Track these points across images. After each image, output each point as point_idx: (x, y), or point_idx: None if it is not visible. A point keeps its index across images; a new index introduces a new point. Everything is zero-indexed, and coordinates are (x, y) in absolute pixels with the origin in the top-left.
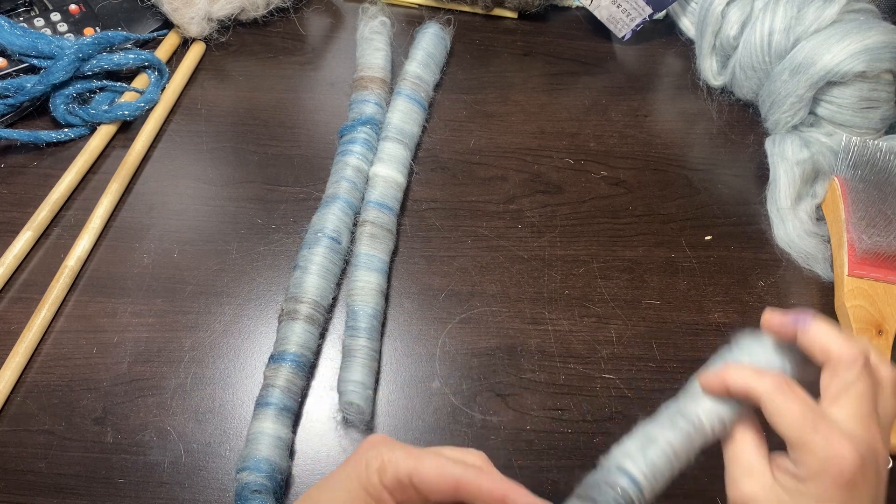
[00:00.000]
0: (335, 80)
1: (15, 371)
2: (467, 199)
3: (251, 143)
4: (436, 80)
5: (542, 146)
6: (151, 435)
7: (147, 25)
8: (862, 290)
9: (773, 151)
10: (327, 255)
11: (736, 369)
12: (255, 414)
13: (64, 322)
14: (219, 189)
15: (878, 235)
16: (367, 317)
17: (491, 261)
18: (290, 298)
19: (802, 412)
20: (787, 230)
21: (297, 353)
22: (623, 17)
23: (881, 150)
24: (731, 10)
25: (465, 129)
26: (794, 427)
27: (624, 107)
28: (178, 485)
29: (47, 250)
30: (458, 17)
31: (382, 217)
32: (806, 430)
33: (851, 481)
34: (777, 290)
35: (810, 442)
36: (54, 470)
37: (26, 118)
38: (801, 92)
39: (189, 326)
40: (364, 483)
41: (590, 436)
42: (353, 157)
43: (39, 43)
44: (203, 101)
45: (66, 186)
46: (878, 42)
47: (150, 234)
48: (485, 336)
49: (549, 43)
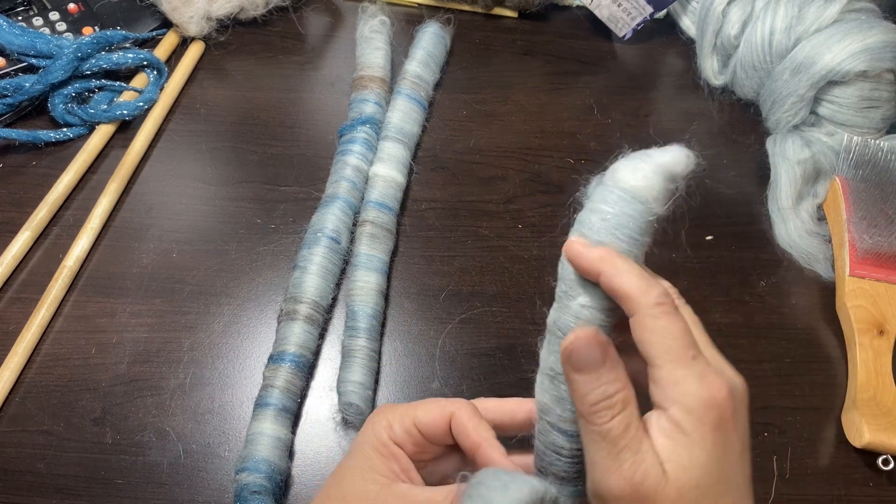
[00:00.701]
0: (335, 80)
1: (14, 371)
2: (467, 199)
3: (250, 143)
4: (436, 80)
5: (543, 146)
6: (150, 435)
7: (146, 25)
8: (863, 290)
9: (774, 151)
10: (327, 255)
11: (620, 269)
12: (255, 414)
13: (63, 322)
14: (218, 189)
15: (880, 235)
16: (366, 317)
17: (491, 261)
18: (289, 298)
19: (685, 339)
20: (789, 230)
21: (296, 353)
22: (623, 16)
23: (882, 150)
24: (731, 9)
25: (465, 128)
26: (670, 357)
27: (624, 106)
28: (178, 485)
29: (46, 250)
30: (458, 17)
31: (382, 217)
32: (685, 361)
33: (725, 424)
34: (778, 290)
35: (685, 378)
36: (53, 470)
37: (25, 118)
38: (802, 91)
39: (188, 326)
40: (374, 444)
41: None
42: (353, 157)
43: (38, 42)
44: (202, 100)
45: (65, 186)
46: (879, 41)
47: (149, 233)
48: (485, 336)
49: (550, 42)
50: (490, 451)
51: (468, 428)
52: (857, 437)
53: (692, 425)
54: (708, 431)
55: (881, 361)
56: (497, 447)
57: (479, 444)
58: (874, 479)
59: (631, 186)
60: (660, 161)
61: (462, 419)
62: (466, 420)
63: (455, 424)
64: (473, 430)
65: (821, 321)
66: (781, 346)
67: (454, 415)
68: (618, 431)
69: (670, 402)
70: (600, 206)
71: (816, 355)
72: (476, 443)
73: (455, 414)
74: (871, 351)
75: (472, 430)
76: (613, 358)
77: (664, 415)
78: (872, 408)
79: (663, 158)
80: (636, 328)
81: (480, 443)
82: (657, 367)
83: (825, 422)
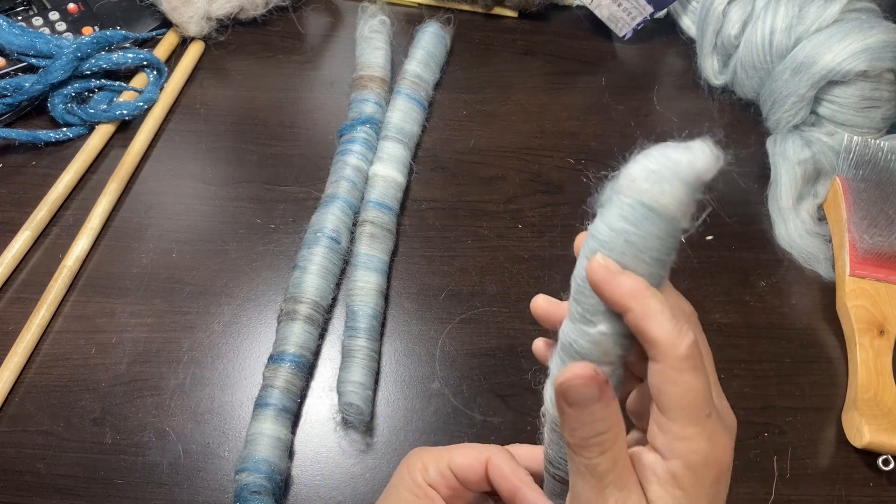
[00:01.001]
0: (335, 80)
1: (13, 371)
2: (467, 199)
3: (250, 143)
4: (436, 80)
5: (543, 146)
6: (150, 435)
7: (146, 24)
8: (863, 290)
9: (775, 151)
10: (327, 255)
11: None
12: (255, 414)
13: (62, 322)
14: (218, 189)
15: (880, 235)
16: (366, 317)
17: (491, 261)
18: (289, 298)
19: (704, 396)
20: (789, 230)
21: (296, 353)
22: (624, 15)
23: (883, 150)
24: (732, 9)
25: (465, 128)
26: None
27: (624, 106)
28: (177, 485)
29: (46, 250)
30: (458, 16)
31: (382, 217)
32: (700, 419)
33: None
34: (778, 290)
35: (696, 436)
36: (53, 470)
37: (25, 117)
38: (802, 91)
39: (188, 327)
40: (410, 486)
41: None
42: (353, 157)
43: (38, 42)
44: (202, 100)
45: (65, 186)
46: (879, 41)
47: (149, 233)
48: (485, 336)
49: (550, 42)
50: (530, 496)
51: (506, 471)
52: (857, 437)
53: (691, 483)
54: (705, 489)
55: (881, 361)
56: (537, 491)
57: (519, 489)
58: (874, 480)
59: (657, 203)
60: (686, 169)
61: (499, 463)
62: (503, 464)
63: (492, 469)
64: (512, 474)
65: (821, 321)
66: (782, 345)
67: (490, 459)
68: (605, 467)
69: (674, 455)
70: (622, 224)
71: (817, 355)
72: (516, 486)
73: (491, 459)
74: (872, 351)
75: (511, 474)
76: (609, 396)
77: (663, 464)
78: (873, 408)
79: (690, 164)
80: (656, 376)
81: (520, 487)
82: (669, 418)
83: (825, 422)
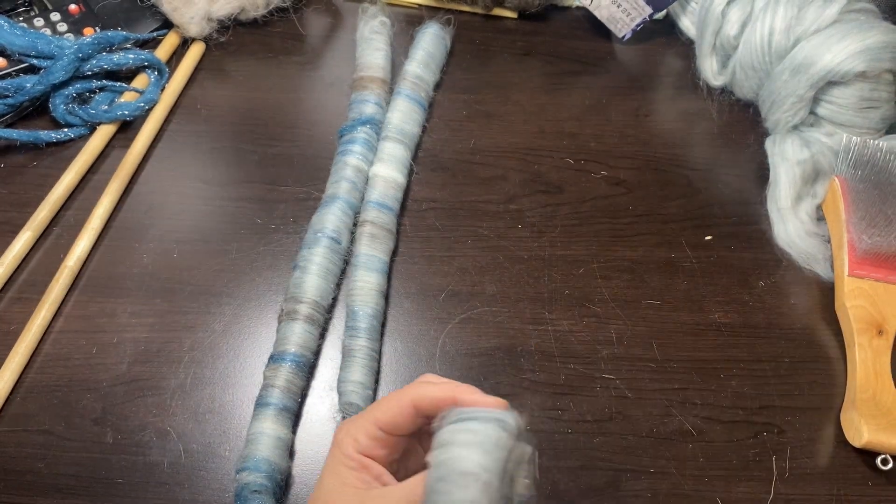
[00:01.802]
0: (335, 80)
1: (14, 371)
2: (467, 199)
3: (251, 143)
4: (436, 80)
5: (542, 146)
6: (151, 435)
7: (147, 25)
8: (862, 290)
9: (774, 151)
10: (327, 255)
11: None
12: (255, 414)
13: (63, 322)
14: (218, 189)
15: (879, 235)
16: (366, 317)
17: (491, 261)
18: (289, 298)
19: None
20: (788, 230)
21: (296, 353)
22: (623, 16)
23: (881, 150)
24: (731, 9)
25: (465, 129)
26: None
27: (624, 107)
28: (178, 485)
29: (47, 250)
30: (458, 17)
31: (382, 217)
32: None
33: None
34: (777, 290)
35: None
36: (54, 470)
37: (26, 118)
38: (801, 92)
39: (189, 326)
40: (343, 461)
41: (590, 436)
42: (353, 157)
43: (39, 43)
44: (203, 100)
45: (66, 186)
46: (878, 42)
47: (150, 234)
48: (485, 336)
49: (549, 43)
50: (466, 395)
51: (432, 391)
52: (856, 436)
53: None
54: None
55: (880, 361)
56: (471, 389)
57: (454, 397)
58: (873, 479)
59: (468, 472)
60: (488, 439)
61: (423, 393)
62: (427, 390)
63: (419, 401)
64: (439, 390)
65: (820, 321)
66: (780, 345)
67: (414, 396)
68: None
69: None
70: (440, 484)
71: (815, 355)
72: (449, 394)
73: (413, 395)
74: (871, 351)
75: (438, 391)
76: None
77: None
78: (871, 408)
79: (492, 441)
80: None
81: (453, 394)
82: None
83: (824, 421)
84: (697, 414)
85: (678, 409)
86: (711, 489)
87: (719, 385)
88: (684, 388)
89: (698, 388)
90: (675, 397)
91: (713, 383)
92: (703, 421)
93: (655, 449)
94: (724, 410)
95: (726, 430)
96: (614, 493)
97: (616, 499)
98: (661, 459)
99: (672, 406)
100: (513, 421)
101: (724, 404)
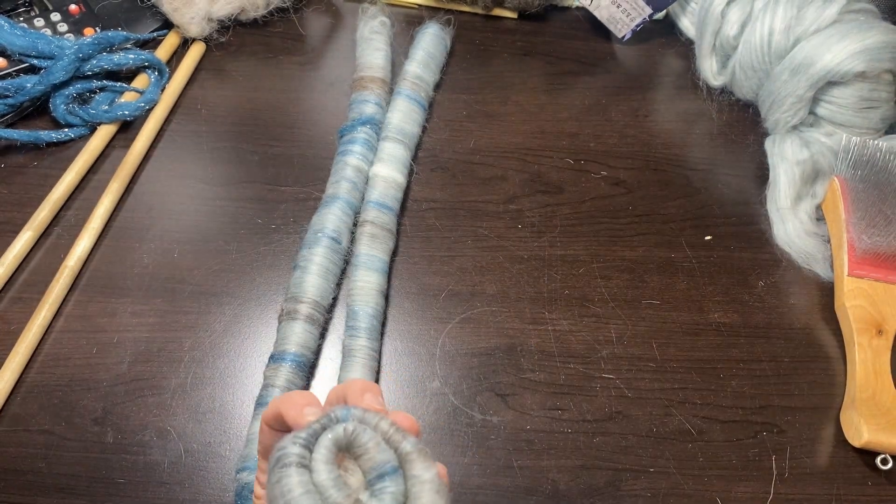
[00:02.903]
0: (335, 80)
1: (15, 371)
2: (467, 199)
3: (251, 143)
4: (436, 80)
5: (542, 146)
6: (151, 435)
7: (147, 25)
8: (862, 290)
9: (773, 151)
10: (327, 255)
11: None
12: (256, 414)
13: (64, 322)
14: (219, 189)
15: (878, 235)
16: (367, 317)
17: (491, 261)
18: (290, 298)
19: None
20: (787, 230)
21: (297, 352)
22: (623, 17)
23: (881, 150)
24: (730, 10)
25: (465, 129)
26: None
27: (624, 107)
28: (178, 485)
29: (47, 250)
30: (458, 17)
31: (382, 217)
32: None
33: None
34: (777, 290)
35: None
36: (54, 470)
37: (26, 118)
38: (800, 92)
39: (189, 326)
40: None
41: (590, 436)
42: (353, 157)
43: (39, 43)
44: (203, 101)
45: (66, 186)
46: (877, 42)
47: (150, 233)
48: (485, 336)
49: (549, 43)
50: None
51: (284, 410)
52: (855, 436)
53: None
54: None
55: (880, 361)
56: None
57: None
58: (873, 479)
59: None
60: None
61: (268, 412)
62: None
63: (266, 418)
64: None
65: (819, 321)
66: (780, 345)
67: (264, 416)
68: None
69: None
70: None
71: (815, 355)
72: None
73: (264, 416)
74: (870, 350)
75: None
76: None
77: None
78: (871, 407)
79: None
80: None
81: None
82: None
83: (824, 421)
84: (697, 414)
85: (678, 408)
86: (711, 489)
87: (719, 385)
88: (684, 387)
89: (698, 387)
90: (675, 397)
91: (713, 383)
92: (703, 421)
93: (655, 449)
94: (723, 410)
95: (726, 429)
96: (614, 492)
97: (616, 499)
98: (661, 459)
99: (672, 406)
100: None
101: (723, 404)
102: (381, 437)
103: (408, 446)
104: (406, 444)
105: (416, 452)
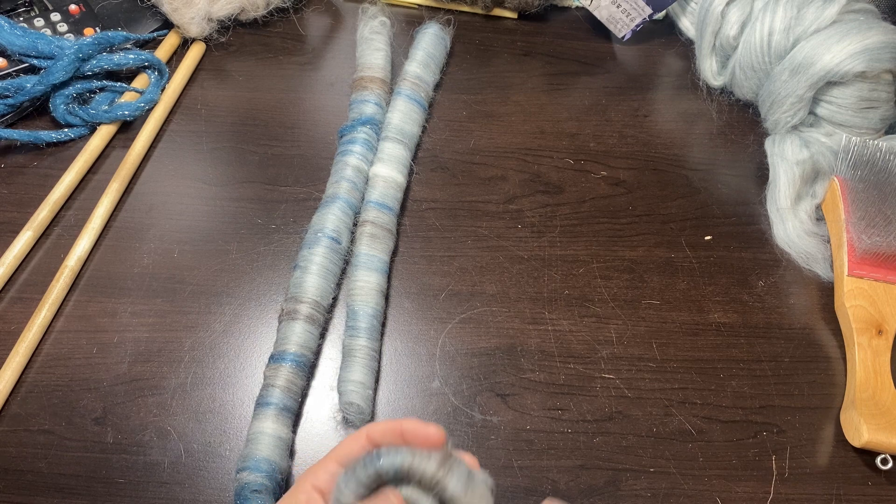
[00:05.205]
0: (335, 80)
1: (15, 371)
2: (467, 199)
3: (251, 143)
4: (436, 80)
5: (542, 146)
6: (151, 435)
7: (147, 26)
8: (862, 290)
9: (773, 151)
10: (327, 255)
11: None
12: (256, 414)
13: (64, 322)
14: (219, 189)
15: (878, 235)
16: (367, 317)
17: (491, 261)
18: (290, 298)
19: None
20: (787, 230)
21: (297, 352)
22: (623, 17)
23: (881, 150)
24: (730, 10)
25: (465, 129)
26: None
27: (624, 107)
28: (178, 484)
29: (47, 250)
30: (458, 18)
31: (382, 217)
32: None
33: None
34: (777, 290)
35: None
36: (54, 470)
37: (26, 118)
38: (800, 92)
39: (189, 326)
40: (298, 492)
41: (590, 436)
42: (353, 157)
43: (39, 43)
44: (203, 101)
45: (66, 186)
46: (877, 42)
47: (150, 234)
48: (485, 336)
49: (549, 43)
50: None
51: (382, 424)
52: (855, 436)
53: None
54: None
55: (880, 361)
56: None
57: (399, 425)
58: (873, 479)
59: None
60: None
61: (376, 424)
62: (379, 425)
63: (373, 431)
64: (393, 424)
65: (819, 321)
66: (780, 345)
67: (368, 428)
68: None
69: None
70: None
71: (815, 355)
72: (396, 426)
73: (367, 427)
74: (870, 350)
75: (392, 424)
76: None
77: None
78: (871, 407)
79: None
80: None
81: (399, 423)
82: None
83: (824, 421)
84: (697, 414)
85: (678, 408)
86: (711, 489)
87: (719, 385)
88: (684, 387)
89: (698, 387)
90: (675, 397)
91: (713, 383)
92: (703, 421)
93: (655, 449)
94: (723, 410)
95: (726, 429)
96: (614, 492)
97: (616, 498)
98: (661, 459)
99: (672, 406)
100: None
101: (723, 404)
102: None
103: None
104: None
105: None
